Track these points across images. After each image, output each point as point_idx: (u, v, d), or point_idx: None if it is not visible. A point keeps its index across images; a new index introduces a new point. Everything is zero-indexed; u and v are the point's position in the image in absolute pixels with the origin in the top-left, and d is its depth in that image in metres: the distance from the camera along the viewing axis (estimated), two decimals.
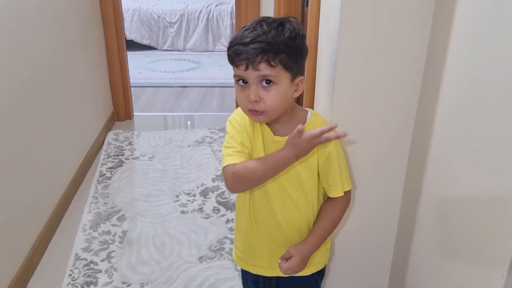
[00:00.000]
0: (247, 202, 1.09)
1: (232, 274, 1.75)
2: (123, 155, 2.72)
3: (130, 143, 2.88)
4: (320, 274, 1.19)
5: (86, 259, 1.84)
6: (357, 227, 1.28)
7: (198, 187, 2.37)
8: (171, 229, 2.03)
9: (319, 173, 1.06)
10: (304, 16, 2.10)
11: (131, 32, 5.45)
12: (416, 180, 1.16)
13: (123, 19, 3.17)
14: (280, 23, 0.94)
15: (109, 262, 1.83)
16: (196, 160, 2.67)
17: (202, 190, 2.34)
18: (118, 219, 2.10)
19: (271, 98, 0.94)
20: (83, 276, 1.75)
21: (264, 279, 1.18)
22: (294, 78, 0.96)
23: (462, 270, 0.95)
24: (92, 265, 1.81)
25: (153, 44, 5.55)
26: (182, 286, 1.70)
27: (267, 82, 0.93)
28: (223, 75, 4.43)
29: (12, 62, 1.72)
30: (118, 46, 3.06)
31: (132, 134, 3.01)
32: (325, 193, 1.10)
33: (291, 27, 0.94)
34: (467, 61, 0.92)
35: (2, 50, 1.64)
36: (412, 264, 1.21)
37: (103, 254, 1.87)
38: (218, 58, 5.13)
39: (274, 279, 1.17)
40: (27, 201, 1.82)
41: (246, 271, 1.20)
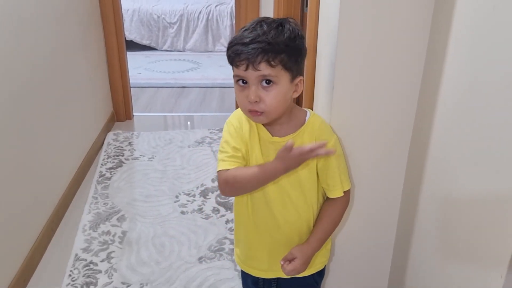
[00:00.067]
0: (246, 203, 1.09)
1: (232, 275, 1.75)
2: (123, 156, 2.72)
3: (130, 144, 2.88)
4: (320, 275, 1.19)
5: (86, 260, 1.84)
6: (356, 227, 1.28)
7: (198, 188, 2.37)
8: (171, 229, 2.03)
9: (318, 173, 1.06)
10: (303, 16, 2.10)
11: (131, 32, 5.45)
12: (415, 180, 1.16)
13: (123, 20, 3.17)
14: (279, 24, 0.94)
15: (108, 262, 1.83)
16: (196, 160, 2.67)
17: (202, 191, 2.34)
18: (118, 219, 2.10)
19: (271, 98, 0.94)
20: (83, 276, 1.75)
21: (264, 280, 1.18)
22: (293, 78, 0.96)
23: (461, 270, 0.95)
24: (92, 265, 1.81)
25: (153, 45, 5.55)
26: (182, 287, 1.70)
27: (267, 82, 0.93)
28: (223, 76, 4.43)
29: (12, 62, 1.72)
30: (118, 46, 3.06)
31: (132, 134, 3.01)
32: (324, 193, 1.10)
33: (290, 28, 0.94)
34: (467, 61, 0.92)
35: (2, 50, 1.65)
36: (412, 264, 1.21)
37: (103, 255, 1.87)
38: (218, 58, 5.13)
39: (274, 280, 1.17)
40: (27, 201, 1.82)
41: (246, 271, 1.20)
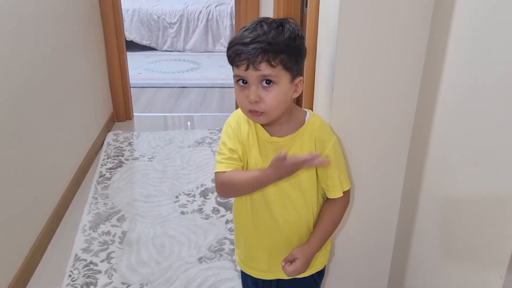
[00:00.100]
0: (245, 204, 1.09)
1: (231, 275, 1.75)
2: (123, 156, 2.72)
3: (130, 144, 2.88)
4: (320, 275, 1.19)
5: (86, 260, 1.84)
6: (356, 227, 1.28)
7: (197, 188, 2.37)
8: (171, 229, 2.03)
9: (317, 174, 1.06)
10: (303, 16, 2.10)
11: (131, 32, 5.45)
12: (415, 180, 1.16)
13: (123, 20, 3.17)
14: (280, 24, 0.94)
15: (108, 262, 1.83)
16: (196, 160, 2.67)
17: (202, 191, 2.34)
18: (118, 219, 2.10)
19: (271, 98, 0.94)
20: (83, 276, 1.75)
21: (264, 280, 1.18)
22: (293, 78, 0.97)
23: (461, 270, 0.95)
24: (91, 265, 1.81)
25: (152, 45, 5.56)
26: (182, 287, 1.70)
27: (267, 82, 0.93)
28: (223, 76, 4.43)
29: (12, 62, 1.72)
30: (118, 46, 3.06)
31: (132, 134, 3.01)
32: (324, 194, 1.10)
33: (290, 28, 0.94)
34: (466, 61, 0.92)
35: (2, 50, 1.65)
36: (411, 264, 1.21)
37: (103, 255, 1.87)
38: (218, 58, 5.13)
39: (274, 281, 1.17)
40: (27, 201, 1.82)
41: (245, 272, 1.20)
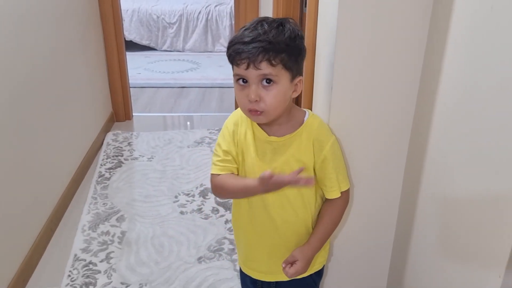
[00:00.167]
0: (243, 204, 1.10)
1: (231, 275, 1.75)
2: (122, 156, 2.72)
3: (129, 144, 2.88)
4: (319, 275, 1.19)
5: (85, 260, 1.84)
6: (355, 227, 1.28)
7: (197, 188, 2.37)
8: (170, 229, 2.03)
9: (316, 174, 1.05)
10: (302, 16, 2.10)
11: (130, 32, 5.45)
12: (414, 180, 1.16)
13: (122, 20, 3.17)
14: (280, 23, 0.94)
15: (108, 262, 1.83)
16: (195, 160, 2.67)
17: (201, 191, 2.34)
18: (117, 219, 2.10)
19: (271, 98, 0.94)
20: (82, 276, 1.75)
21: (262, 281, 1.18)
22: (293, 78, 0.97)
23: (460, 270, 0.95)
24: (91, 265, 1.81)
25: (152, 45, 5.55)
26: (181, 287, 1.70)
27: (267, 82, 0.93)
28: (222, 76, 4.43)
29: (11, 62, 1.72)
30: (117, 46, 3.06)
31: (131, 134, 3.01)
32: (323, 194, 1.10)
33: (291, 28, 0.94)
34: (465, 61, 0.92)
35: (2, 50, 1.65)
36: (411, 264, 1.21)
37: (102, 255, 1.87)
38: (217, 58, 5.14)
39: (273, 282, 1.17)
40: (26, 201, 1.82)
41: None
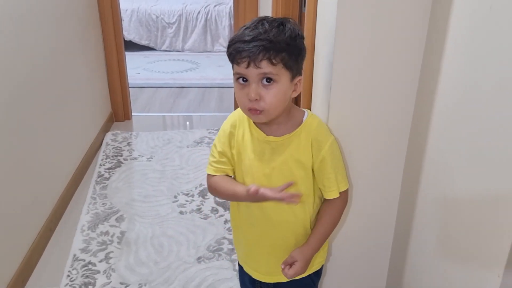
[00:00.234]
0: (242, 204, 1.10)
1: (230, 275, 1.75)
2: (121, 156, 2.72)
3: (129, 144, 2.88)
4: (317, 274, 1.19)
5: (84, 260, 1.84)
6: (354, 227, 1.28)
7: (196, 188, 2.37)
8: (170, 229, 2.03)
9: (314, 174, 1.05)
10: (301, 16, 2.10)
11: (130, 32, 5.45)
12: (413, 180, 1.16)
13: (122, 20, 3.17)
14: (281, 23, 0.94)
15: (107, 262, 1.83)
16: (194, 160, 2.67)
17: (200, 191, 2.34)
18: (117, 219, 2.10)
19: (271, 96, 0.94)
20: (81, 276, 1.75)
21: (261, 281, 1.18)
22: (293, 77, 0.97)
23: (459, 270, 0.95)
24: (90, 265, 1.81)
25: (151, 45, 5.55)
26: (181, 287, 1.70)
27: (267, 80, 0.93)
28: (222, 76, 4.43)
29: (11, 62, 1.72)
30: (117, 46, 3.06)
31: (131, 134, 3.01)
32: (321, 195, 1.10)
33: (291, 27, 0.94)
34: (464, 61, 0.92)
35: (1, 50, 1.65)
36: (410, 264, 1.21)
37: (101, 255, 1.87)
38: (217, 58, 5.14)
39: (272, 282, 1.17)
40: (25, 201, 1.82)
41: (243, 270, 1.20)
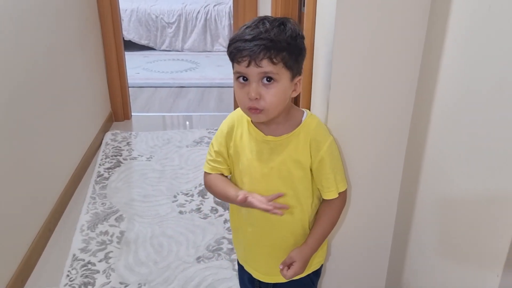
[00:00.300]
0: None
1: (230, 274, 1.76)
2: (121, 156, 2.72)
3: (128, 144, 2.88)
4: (316, 274, 1.19)
5: (84, 260, 1.84)
6: (354, 227, 1.28)
7: (196, 187, 2.37)
8: (169, 229, 2.03)
9: (313, 174, 1.05)
10: (301, 16, 2.10)
11: (129, 32, 5.45)
12: (412, 180, 1.16)
13: (121, 19, 3.17)
14: (281, 22, 0.94)
15: (106, 262, 1.83)
16: (194, 160, 2.67)
17: (200, 190, 2.34)
18: (116, 219, 2.10)
19: (272, 96, 0.94)
20: (81, 276, 1.75)
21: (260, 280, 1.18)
22: (293, 77, 0.97)
23: (458, 269, 0.96)
24: (89, 265, 1.81)
25: (151, 45, 5.55)
26: (180, 287, 1.70)
27: (268, 80, 0.93)
28: (221, 75, 4.44)
29: (10, 62, 1.72)
30: (116, 46, 3.06)
31: (130, 134, 3.01)
32: (320, 195, 1.10)
33: (292, 27, 0.94)
34: (463, 61, 0.92)
35: (0, 50, 1.64)
36: (409, 263, 1.21)
37: (101, 255, 1.87)
38: (216, 58, 5.14)
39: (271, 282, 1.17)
40: (25, 201, 1.82)
41: (243, 269, 1.20)
